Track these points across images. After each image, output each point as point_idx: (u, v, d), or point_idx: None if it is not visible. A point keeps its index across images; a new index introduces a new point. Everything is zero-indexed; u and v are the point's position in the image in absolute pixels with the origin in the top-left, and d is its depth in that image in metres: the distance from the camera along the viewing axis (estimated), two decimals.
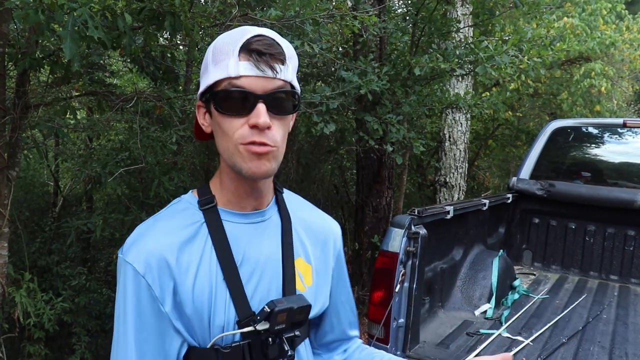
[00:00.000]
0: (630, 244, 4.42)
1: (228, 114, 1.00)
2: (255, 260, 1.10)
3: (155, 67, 4.19)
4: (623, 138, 4.83)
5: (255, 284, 1.09)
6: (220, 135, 1.04)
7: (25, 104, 3.44)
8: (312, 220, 1.26)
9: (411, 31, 5.71)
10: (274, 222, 1.16)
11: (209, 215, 1.08)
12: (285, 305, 1.05)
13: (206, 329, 1.05)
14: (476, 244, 3.98)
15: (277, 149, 1.02)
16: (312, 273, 1.20)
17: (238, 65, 0.98)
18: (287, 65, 1.02)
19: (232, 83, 0.99)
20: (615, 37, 7.99)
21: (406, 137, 5.10)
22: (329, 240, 1.27)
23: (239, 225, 1.10)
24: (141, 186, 5.02)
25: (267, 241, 1.13)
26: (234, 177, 1.08)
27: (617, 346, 3.00)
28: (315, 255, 1.23)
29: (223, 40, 1.03)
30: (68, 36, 2.04)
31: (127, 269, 1.02)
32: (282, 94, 1.01)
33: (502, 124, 9.84)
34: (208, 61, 1.05)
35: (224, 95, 1.00)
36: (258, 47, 0.98)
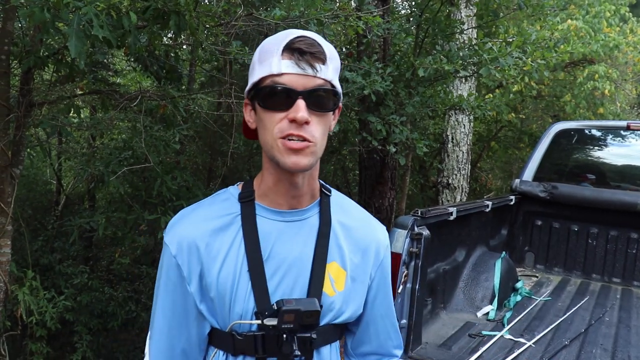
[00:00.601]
0: (633, 246, 4.41)
1: (270, 109, 1.05)
2: (283, 258, 1.13)
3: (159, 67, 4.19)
4: (626, 141, 4.82)
5: (279, 280, 1.12)
6: (262, 130, 1.09)
7: (29, 102, 3.44)
8: (356, 227, 1.25)
9: (415, 32, 5.71)
10: (312, 223, 1.18)
11: (245, 208, 1.14)
12: (292, 307, 1.07)
13: (227, 314, 1.11)
14: (479, 246, 3.98)
15: (314, 144, 1.05)
16: (345, 279, 1.20)
17: (280, 63, 1.03)
18: (327, 65, 1.06)
19: (275, 80, 1.04)
20: (619, 39, 7.98)
21: (409, 138, 5.10)
22: (371, 249, 1.26)
23: (271, 222, 1.14)
24: (144, 185, 5.03)
25: (299, 241, 1.15)
26: (274, 172, 1.12)
27: (619, 349, 3.00)
28: (353, 262, 1.22)
29: (269, 41, 1.09)
30: (73, 34, 2.04)
31: (164, 249, 1.14)
32: (321, 91, 1.05)
33: (505, 125, 9.83)
34: (255, 61, 1.10)
35: (266, 91, 1.05)
36: (300, 47, 1.03)
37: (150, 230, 5.51)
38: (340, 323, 1.22)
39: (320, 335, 1.15)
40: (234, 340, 1.12)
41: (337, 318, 1.19)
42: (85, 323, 5.45)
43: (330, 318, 1.18)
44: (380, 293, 1.29)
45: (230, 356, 1.15)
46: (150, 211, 4.74)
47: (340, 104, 1.16)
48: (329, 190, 1.25)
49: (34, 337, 4.57)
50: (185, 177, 4.87)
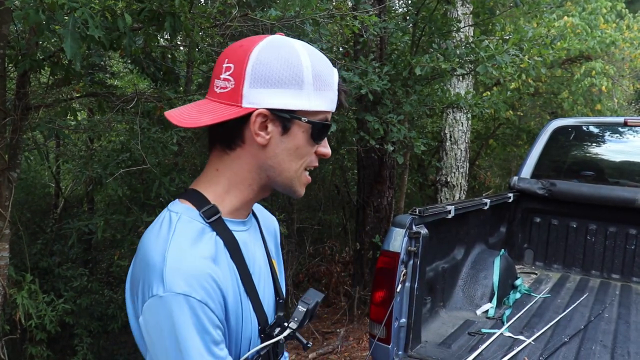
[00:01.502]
0: (631, 242, 4.41)
1: (317, 141, 1.05)
2: (259, 267, 1.12)
3: (156, 68, 4.19)
4: (624, 137, 4.82)
5: (263, 290, 1.11)
6: (290, 157, 1.03)
7: (26, 106, 3.44)
8: (264, 216, 1.28)
9: (411, 31, 5.71)
10: (254, 225, 1.18)
11: (217, 227, 1.02)
12: (312, 302, 1.11)
13: (237, 341, 1.04)
14: (477, 244, 3.98)
15: None
16: (277, 268, 1.24)
17: (333, 102, 1.04)
18: None
19: (327, 117, 1.04)
20: (616, 35, 7.98)
21: (407, 136, 5.10)
22: (276, 233, 1.32)
23: (242, 234, 1.09)
24: (142, 187, 5.03)
25: (257, 245, 1.15)
26: (257, 189, 1.07)
27: (619, 345, 3.00)
28: (271, 249, 1.25)
29: (322, 66, 1.03)
30: (69, 35, 2.04)
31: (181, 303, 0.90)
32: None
33: (503, 123, 9.83)
34: (303, 79, 1.00)
35: (324, 127, 1.04)
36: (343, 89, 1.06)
37: None
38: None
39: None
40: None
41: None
42: (85, 326, 5.45)
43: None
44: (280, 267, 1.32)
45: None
46: (149, 213, 4.73)
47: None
48: None
49: (33, 340, 4.56)
50: (184, 179, 4.87)
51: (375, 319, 2.74)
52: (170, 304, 0.89)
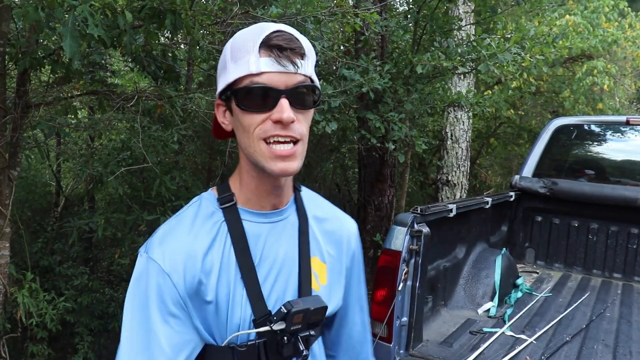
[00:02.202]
0: (633, 241, 4.40)
1: (250, 110, 1.00)
2: (273, 260, 1.10)
3: (157, 67, 4.17)
4: (626, 136, 4.81)
5: (272, 283, 1.10)
6: (241, 133, 1.04)
7: (26, 104, 3.43)
8: (328, 219, 1.25)
9: (413, 29, 5.69)
10: (292, 221, 1.16)
11: (228, 214, 1.08)
12: (301, 307, 1.06)
13: (223, 327, 1.05)
14: (479, 242, 3.97)
15: (302, 142, 1.03)
16: (326, 272, 1.20)
17: (259, 62, 0.98)
18: (306, 60, 1.02)
19: (254, 80, 0.98)
20: (618, 34, 7.96)
21: (408, 135, 5.08)
22: (343, 240, 1.26)
23: (258, 225, 1.10)
24: (143, 185, 5.02)
25: (285, 240, 1.13)
26: (255, 175, 1.08)
27: (620, 344, 2.99)
28: (330, 254, 1.22)
29: (241, 37, 1.03)
30: (68, 34, 2.03)
31: (150, 266, 1.03)
32: (303, 88, 1.01)
33: (504, 122, 9.82)
34: (226, 59, 1.03)
35: (245, 92, 0.99)
36: (279, 43, 0.98)
37: (149, 231, 5.50)
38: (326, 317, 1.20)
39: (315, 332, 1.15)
40: (234, 353, 1.05)
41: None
42: (86, 324, 5.44)
43: None
44: (352, 280, 1.30)
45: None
46: (150, 212, 4.73)
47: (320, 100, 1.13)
48: (299, 186, 1.23)
49: (34, 339, 4.56)
50: (185, 177, 4.86)
51: (376, 317, 2.74)
52: (144, 263, 1.04)
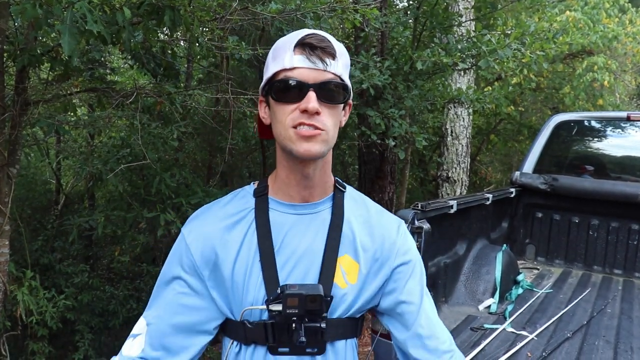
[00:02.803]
0: (634, 237, 4.39)
1: (283, 101, 1.11)
2: (293, 249, 1.17)
3: (156, 64, 4.17)
4: (626, 132, 4.80)
5: (289, 270, 1.16)
6: (275, 122, 1.14)
7: (25, 101, 3.42)
8: (371, 222, 1.26)
9: (413, 25, 5.68)
10: (323, 217, 1.22)
11: (259, 202, 1.21)
12: (296, 291, 1.11)
13: (239, 304, 1.16)
14: (479, 239, 3.96)
15: (326, 132, 1.10)
16: (358, 272, 1.21)
17: (292, 58, 1.09)
18: (337, 60, 1.11)
19: (287, 74, 1.10)
20: (618, 30, 7.94)
21: (408, 131, 5.07)
22: (386, 242, 1.26)
23: (284, 215, 1.20)
24: (142, 183, 5.01)
25: (311, 233, 1.19)
26: (286, 164, 1.17)
27: (622, 340, 2.98)
28: (368, 255, 1.23)
29: (282, 39, 1.15)
30: (67, 31, 2.02)
31: (180, 237, 1.21)
32: (332, 85, 1.11)
33: (505, 118, 9.81)
34: (269, 60, 1.16)
35: (279, 84, 1.11)
36: (311, 42, 1.09)
37: (149, 228, 5.50)
38: (355, 317, 1.23)
39: (332, 327, 1.18)
40: (245, 329, 1.16)
41: (349, 311, 1.20)
42: (86, 322, 5.45)
43: (343, 311, 1.20)
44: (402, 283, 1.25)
45: (243, 346, 1.19)
46: (150, 209, 4.72)
47: (350, 101, 1.22)
48: (344, 186, 1.29)
49: (35, 337, 4.56)
50: (184, 175, 4.85)
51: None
52: (178, 236, 1.22)
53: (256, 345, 1.18)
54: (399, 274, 1.25)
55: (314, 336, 1.14)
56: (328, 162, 1.22)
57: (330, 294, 1.17)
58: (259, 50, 3.50)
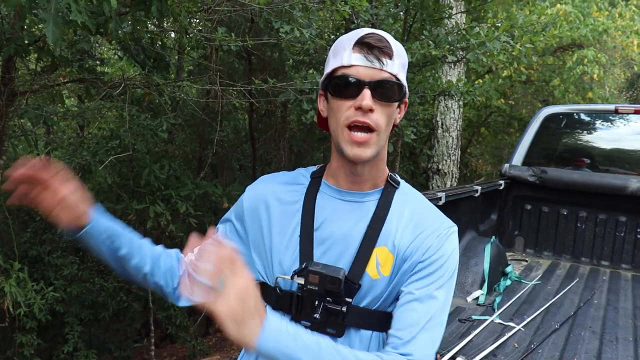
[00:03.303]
0: (621, 229, 4.43)
1: (340, 97, 1.14)
2: (331, 232, 1.21)
3: (146, 56, 4.13)
4: (615, 124, 4.83)
5: (323, 251, 1.20)
6: (331, 117, 1.19)
7: (12, 92, 3.38)
8: (416, 216, 1.23)
9: (403, 17, 5.67)
10: (368, 207, 1.23)
11: (312, 182, 1.28)
12: (318, 269, 1.14)
13: (273, 269, 1.23)
14: (468, 231, 3.98)
15: (377, 133, 1.13)
16: (393, 264, 1.19)
17: (351, 56, 1.13)
18: (394, 60, 1.14)
19: (345, 71, 1.13)
20: (608, 23, 7.97)
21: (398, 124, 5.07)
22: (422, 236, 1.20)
23: (330, 198, 1.24)
24: (132, 174, 4.99)
25: (352, 220, 1.22)
26: (337, 157, 1.22)
27: (607, 331, 3.02)
28: (402, 247, 1.19)
29: (342, 37, 1.18)
30: (51, 20, 2.00)
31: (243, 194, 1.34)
32: (387, 83, 1.13)
33: (495, 111, 9.84)
34: (329, 56, 1.20)
35: (337, 80, 1.14)
36: (369, 41, 1.12)
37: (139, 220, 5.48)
38: (385, 311, 1.20)
39: (356, 314, 1.18)
40: (275, 295, 1.21)
41: (378, 302, 1.19)
42: (76, 314, 5.43)
43: (371, 301, 1.19)
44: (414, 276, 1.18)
45: (272, 311, 1.20)
46: (139, 201, 4.70)
47: (407, 99, 1.23)
48: (398, 182, 1.29)
49: (23, 329, 4.54)
50: (174, 166, 4.83)
51: None
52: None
53: (283, 313, 1.21)
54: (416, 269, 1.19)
55: (334, 317, 1.16)
56: (382, 159, 1.25)
57: (359, 282, 1.17)
58: (248, 42, 3.48)
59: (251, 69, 5.84)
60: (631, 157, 4.67)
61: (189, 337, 5.79)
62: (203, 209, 5.38)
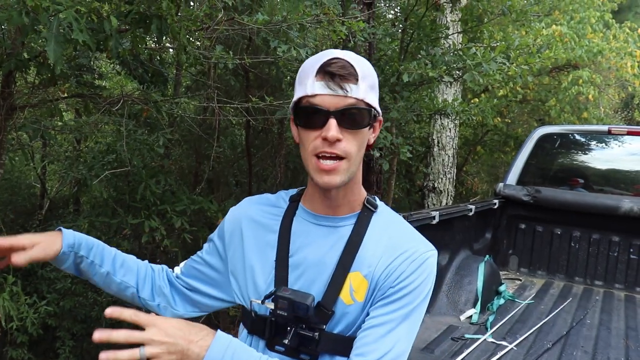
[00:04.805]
0: (614, 249, 4.46)
1: (306, 127, 1.13)
2: (304, 257, 1.20)
3: (144, 70, 4.17)
4: (608, 145, 4.87)
5: (297, 276, 1.20)
6: (301, 146, 1.17)
7: (11, 105, 3.41)
8: (393, 241, 1.20)
9: (400, 37, 5.74)
10: (343, 233, 1.22)
11: (290, 206, 1.28)
12: (287, 294, 1.14)
13: (246, 293, 1.25)
14: (462, 249, 4.00)
15: (347, 160, 1.12)
16: (367, 290, 1.17)
17: (314, 85, 1.11)
18: (359, 84, 1.11)
19: (309, 101, 1.11)
20: (603, 45, 8.06)
21: (394, 142, 5.11)
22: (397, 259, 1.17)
23: (306, 222, 1.24)
24: (128, 189, 5.00)
25: (326, 245, 1.21)
26: (311, 182, 1.21)
27: (599, 351, 3.03)
28: (382, 276, 1.16)
29: (308, 61, 1.17)
30: (52, 38, 2.03)
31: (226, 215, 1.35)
32: (353, 110, 1.11)
33: (491, 129, 9.89)
34: (296, 81, 1.19)
35: (302, 111, 1.14)
36: (331, 69, 1.09)
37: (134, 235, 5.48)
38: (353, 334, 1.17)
39: (330, 341, 1.16)
40: (251, 319, 1.22)
41: (352, 328, 1.17)
42: (68, 328, 5.40)
43: (345, 326, 1.17)
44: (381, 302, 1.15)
45: (248, 335, 1.24)
46: (134, 215, 4.70)
47: (380, 118, 1.22)
48: (375, 206, 1.26)
49: (14, 343, 4.51)
50: (170, 181, 4.85)
51: None
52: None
53: (257, 337, 1.22)
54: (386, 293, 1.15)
55: (307, 344, 1.15)
56: (357, 182, 1.22)
57: (332, 308, 1.15)
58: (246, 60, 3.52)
59: (248, 85, 5.89)
60: (624, 178, 4.71)
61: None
62: (198, 225, 5.39)
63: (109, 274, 1.29)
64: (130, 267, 1.33)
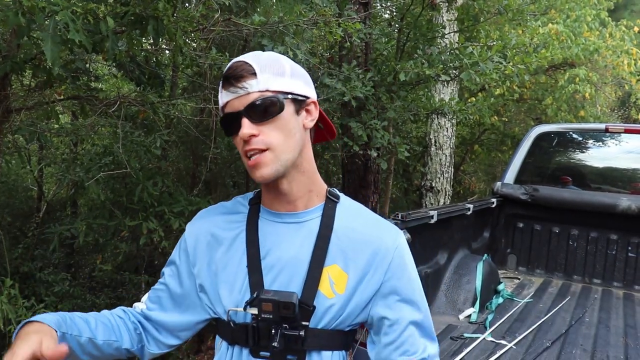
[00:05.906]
0: (612, 247, 4.46)
1: (230, 134, 1.17)
2: (278, 257, 1.20)
3: (141, 72, 4.15)
4: (605, 143, 4.88)
5: (273, 277, 1.19)
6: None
7: (7, 108, 3.39)
8: (364, 231, 1.23)
9: (396, 36, 5.74)
10: (311, 227, 1.22)
11: (252, 210, 1.27)
12: (270, 296, 1.13)
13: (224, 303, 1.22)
14: (460, 249, 4.00)
15: (271, 150, 1.12)
16: (347, 282, 1.19)
17: (222, 95, 1.16)
18: (259, 76, 1.12)
19: (223, 110, 1.17)
20: (599, 43, 8.09)
21: (391, 142, 5.11)
22: (379, 252, 1.21)
23: (272, 223, 1.23)
24: (125, 191, 4.98)
25: (296, 242, 1.21)
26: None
27: (598, 349, 3.03)
28: (357, 265, 1.20)
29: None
30: (49, 39, 2.02)
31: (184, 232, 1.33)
32: (256, 103, 1.12)
33: (488, 128, 9.91)
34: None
35: (222, 122, 1.18)
36: (228, 74, 1.13)
37: (132, 237, 5.46)
38: (343, 330, 1.21)
39: (315, 337, 1.17)
40: (231, 330, 1.20)
41: (336, 321, 1.19)
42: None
43: (329, 321, 1.18)
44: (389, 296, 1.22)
45: (229, 346, 1.23)
46: (132, 217, 4.69)
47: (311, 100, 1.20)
48: (337, 197, 1.29)
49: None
50: (167, 183, 4.83)
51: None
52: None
53: (240, 347, 1.20)
54: (387, 288, 1.22)
55: (293, 343, 1.14)
56: (306, 171, 1.21)
57: (313, 304, 1.16)
58: None
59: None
60: (622, 176, 4.72)
61: (180, 354, 5.75)
62: None
63: (90, 339, 1.18)
64: (104, 323, 1.23)
